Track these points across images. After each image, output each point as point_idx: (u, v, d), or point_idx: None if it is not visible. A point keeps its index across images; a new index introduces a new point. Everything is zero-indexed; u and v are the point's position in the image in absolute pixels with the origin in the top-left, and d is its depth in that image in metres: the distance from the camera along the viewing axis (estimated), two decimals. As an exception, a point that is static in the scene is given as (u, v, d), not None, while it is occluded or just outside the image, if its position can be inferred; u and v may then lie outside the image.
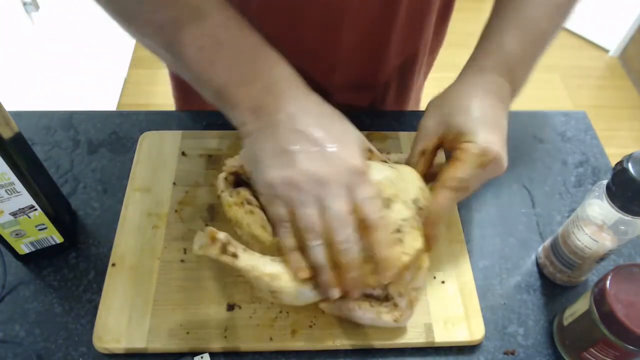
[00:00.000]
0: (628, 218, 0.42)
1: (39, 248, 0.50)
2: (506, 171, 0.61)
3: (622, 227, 0.44)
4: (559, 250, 0.50)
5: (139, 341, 0.46)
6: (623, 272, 0.41)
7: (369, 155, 0.47)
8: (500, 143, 0.45)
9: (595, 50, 2.25)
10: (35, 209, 0.47)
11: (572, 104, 2.04)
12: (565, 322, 0.47)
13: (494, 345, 0.48)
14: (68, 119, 0.64)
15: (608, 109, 2.02)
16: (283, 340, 0.46)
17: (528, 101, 2.04)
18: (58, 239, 0.50)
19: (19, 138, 0.44)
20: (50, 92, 1.36)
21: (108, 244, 0.52)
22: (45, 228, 0.49)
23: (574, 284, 0.52)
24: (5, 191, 0.44)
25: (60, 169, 0.59)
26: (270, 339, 0.46)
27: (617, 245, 0.46)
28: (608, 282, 0.41)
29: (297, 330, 0.47)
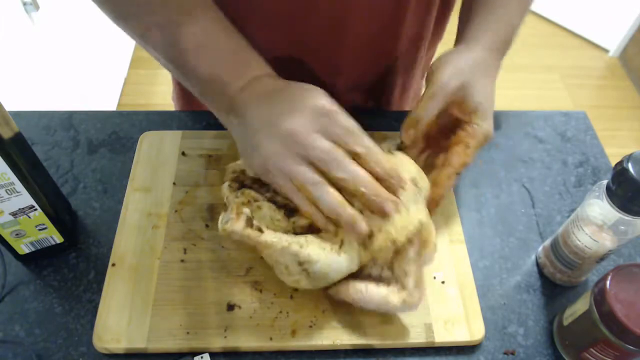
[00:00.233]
0: (628, 218, 0.42)
1: (39, 248, 0.50)
2: (506, 171, 0.61)
3: (622, 227, 0.44)
4: (559, 250, 0.50)
5: (139, 341, 0.46)
6: (623, 272, 0.41)
7: None
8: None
9: (595, 50, 2.25)
10: (35, 209, 0.47)
11: (572, 104, 2.04)
12: (565, 322, 0.47)
13: (494, 345, 0.48)
14: (68, 119, 0.64)
15: (608, 109, 2.02)
16: (283, 340, 0.46)
17: (528, 101, 2.05)
18: (58, 239, 0.50)
19: (19, 138, 0.44)
20: (50, 92, 1.36)
21: (108, 244, 0.52)
22: (45, 228, 0.49)
23: (574, 284, 0.52)
24: (5, 191, 0.44)
25: (60, 169, 0.59)
26: (270, 339, 0.46)
27: (617, 245, 0.46)
28: (608, 282, 0.41)
29: (297, 330, 0.47)
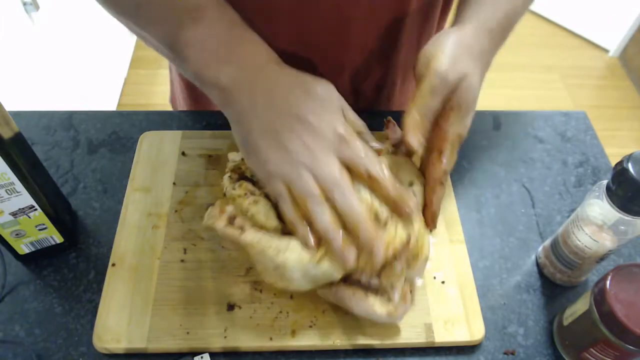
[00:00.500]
0: (628, 218, 0.42)
1: (39, 248, 0.50)
2: (506, 171, 0.61)
3: (622, 227, 0.44)
4: (559, 250, 0.50)
5: (139, 341, 0.46)
6: (623, 272, 0.41)
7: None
8: None
9: (595, 50, 2.25)
10: (35, 209, 0.47)
11: (572, 104, 2.04)
12: (565, 322, 0.47)
13: (494, 345, 0.48)
14: (68, 119, 0.64)
15: (608, 109, 2.02)
16: (283, 340, 0.46)
17: (528, 101, 2.05)
18: (58, 239, 0.50)
19: (19, 138, 0.44)
20: (50, 92, 1.36)
21: (108, 244, 0.52)
22: (45, 228, 0.49)
23: (574, 284, 0.52)
24: (5, 191, 0.44)
25: (60, 169, 0.59)
26: (270, 339, 0.46)
27: (617, 245, 0.46)
28: (608, 282, 0.41)
29: (297, 330, 0.47)
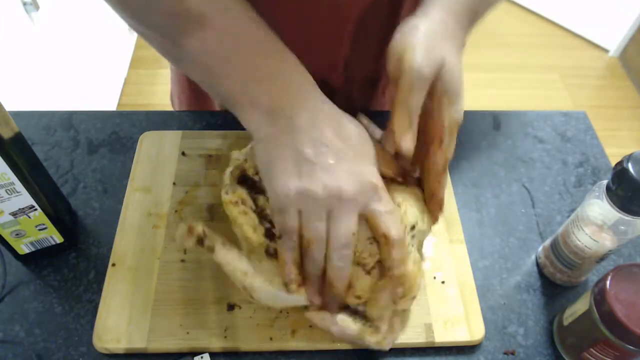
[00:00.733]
0: (628, 218, 0.42)
1: (39, 248, 0.50)
2: (506, 171, 0.61)
3: (622, 227, 0.44)
4: (559, 250, 0.50)
5: (139, 341, 0.46)
6: (623, 272, 0.41)
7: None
8: None
9: (595, 50, 2.25)
10: (35, 209, 0.47)
11: (572, 104, 2.04)
12: (565, 322, 0.47)
13: (494, 345, 0.48)
14: (68, 119, 0.64)
15: (608, 109, 2.02)
16: (283, 340, 0.46)
17: (528, 101, 2.04)
18: (58, 239, 0.50)
19: (19, 138, 0.44)
20: (50, 92, 1.36)
21: (108, 244, 0.52)
22: (45, 228, 0.49)
23: (574, 284, 0.52)
24: (5, 191, 0.44)
25: (60, 169, 0.59)
26: (270, 339, 0.46)
27: (617, 245, 0.46)
28: (608, 282, 0.41)
29: (297, 330, 0.47)
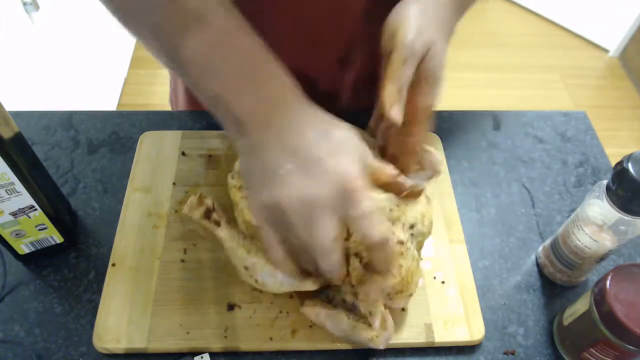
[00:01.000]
0: (628, 218, 0.42)
1: (39, 248, 0.50)
2: (506, 171, 0.61)
3: (622, 227, 0.44)
4: (559, 250, 0.50)
5: (139, 341, 0.46)
6: (623, 272, 0.41)
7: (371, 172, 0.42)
8: None
9: (595, 50, 2.25)
10: (35, 209, 0.47)
11: (572, 104, 2.04)
12: (565, 322, 0.47)
13: (494, 345, 0.48)
14: (68, 119, 0.64)
15: (608, 109, 2.02)
16: (283, 340, 0.46)
17: (528, 101, 2.05)
18: (58, 239, 0.50)
19: (19, 138, 0.44)
20: (50, 92, 1.36)
21: (108, 244, 0.52)
22: (45, 228, 0.49)
23: (574, 284, 0.52)
24: (5, 191, 0.44)
25: (60, 169, 0.59)
26: (270, 339, 0.46)
27: (617, 245, 0.46)
28: (608, 282, 0.41)
29: (297, 330, 0.47)
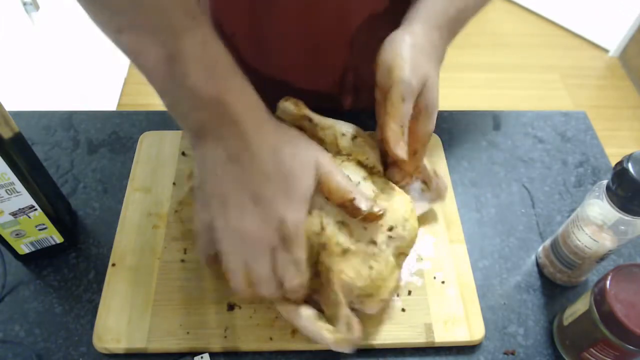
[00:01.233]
0: (628, 218, 0.42)
1: (39, 248, 0.50)
2: (506, 171, 0.61)
3: (622, 227, 0.44)
4: (559, 250, 0.50)
5: (139, 341, 0.46)
6: (623, 272, 0.41)
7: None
8: None
9: (595, 50, 2.25)
10: (35, 209, 0.47)
11: (572, 104, 2.04)
12: (565, 322, 0.47)
13: (494, 345, 0.48)
14: (68, 119, 0.64)
15: (608, 109, 2.02)
16: (283, 340, 0.46)
17: (528, 101, 2.04)
18: (58, 239, 0.50)
19: (19, 138, 0.44)
20: (50, 92, 1.36)
21: (108, 244, 0.52)
22: (45, 228, 0.49)
23: (574, 284, 0.52)
24: (5, 191, 0.44)
25: (60, 169, 0.59)
26: (270, 339, 0.46)
27: (617, 245, 0.46)
28: (608, 282, 0.41)
29: (297, 330, 0.47)
